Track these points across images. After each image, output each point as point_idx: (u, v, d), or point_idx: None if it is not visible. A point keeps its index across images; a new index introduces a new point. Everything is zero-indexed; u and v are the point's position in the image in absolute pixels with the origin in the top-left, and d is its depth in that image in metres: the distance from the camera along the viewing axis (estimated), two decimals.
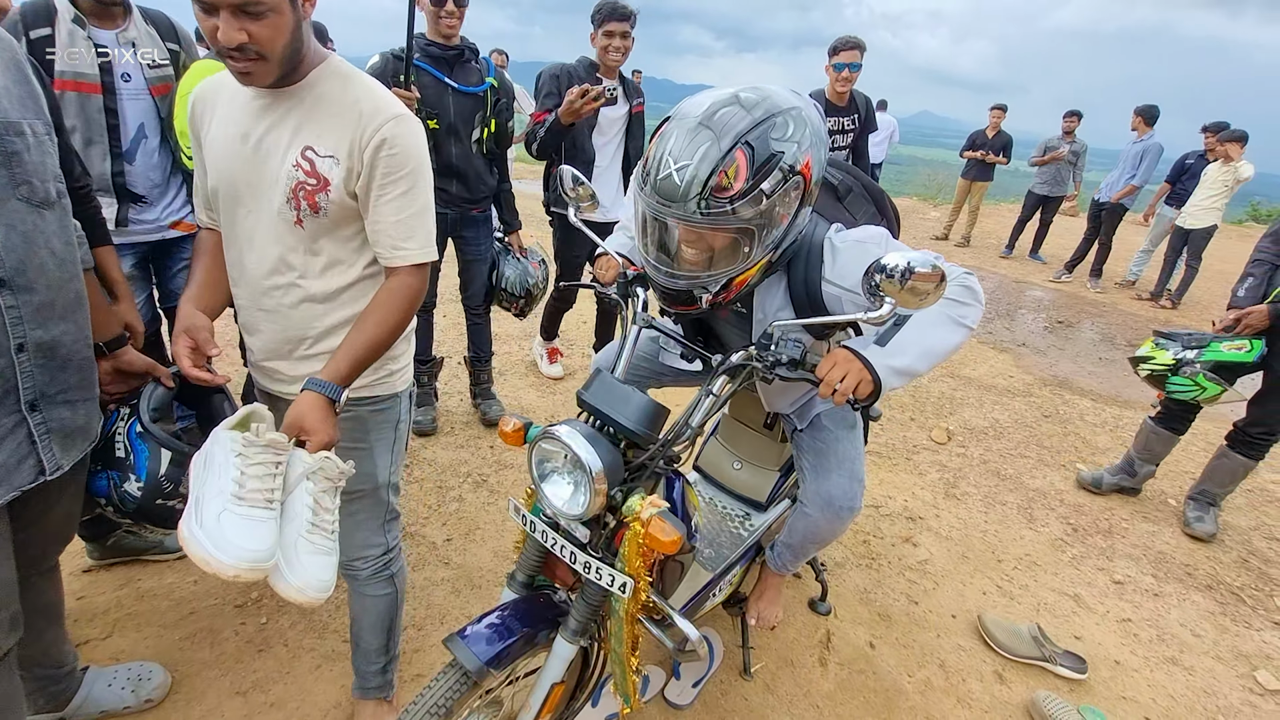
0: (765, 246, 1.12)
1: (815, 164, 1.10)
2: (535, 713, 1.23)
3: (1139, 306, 6.41)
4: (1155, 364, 2.65)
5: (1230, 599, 2.46)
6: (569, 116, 2.44)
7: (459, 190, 2.54)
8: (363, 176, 1.13)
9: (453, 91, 2.40)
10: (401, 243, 1.17)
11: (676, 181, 1.05)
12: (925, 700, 1.87)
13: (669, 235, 1.16)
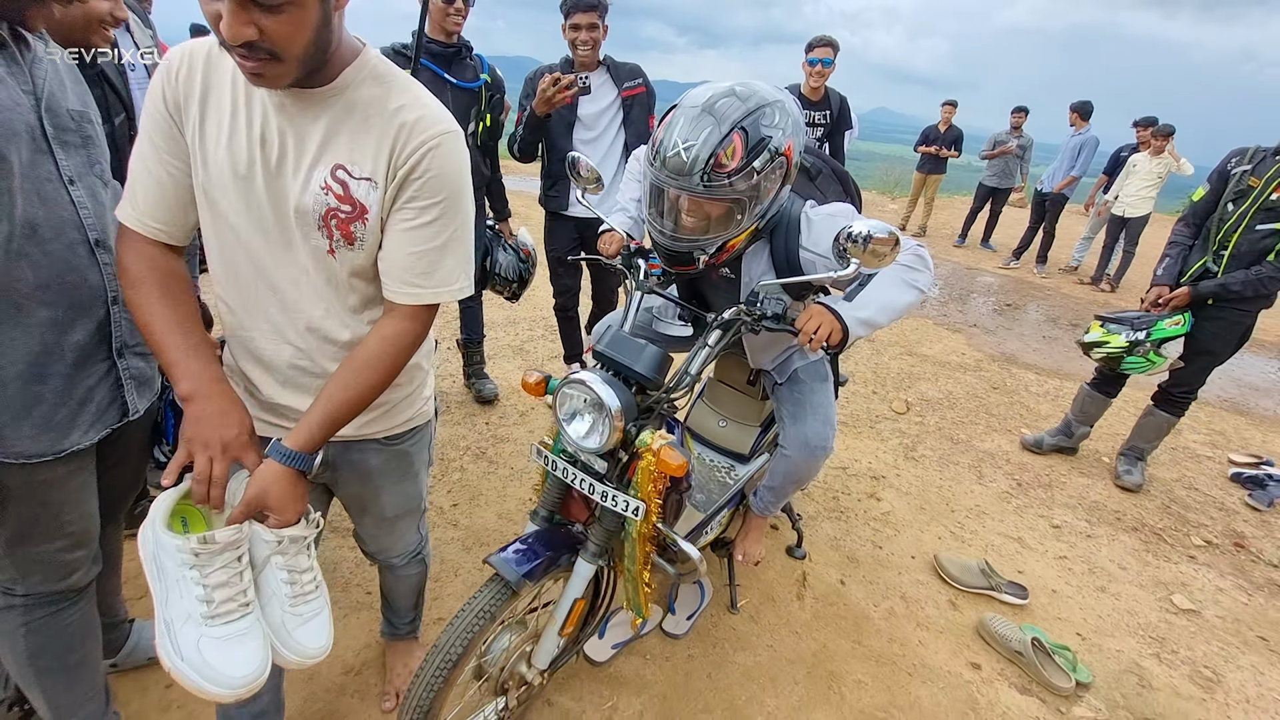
0: (753, 216, 1.35)
1: (795, 148, 1.33)
2: (560, 625, 1.43)
3: (1081, 290, 6.88)
4: (1110, 348, 2.94)
5: (1153, 539, 2.80)
6: (542, 107, 2.44)
7: None
8: (388, 195, 0.99)
9: (451, 87, 2.51)
10: (416, 279, 1.02)
11: (684, 159, 1.26)
12: (889, 625, 2.13)
13: (673, 205, 1.37)
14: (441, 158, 0.98)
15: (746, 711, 1.77)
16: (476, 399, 3.15)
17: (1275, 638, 2.30)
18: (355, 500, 1.35)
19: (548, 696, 1.73)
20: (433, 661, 1.24)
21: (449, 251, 1.04)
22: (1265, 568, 2.68)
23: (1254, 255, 2.66)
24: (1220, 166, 2.83)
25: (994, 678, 1.98)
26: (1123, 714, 1.92)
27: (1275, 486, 3.21)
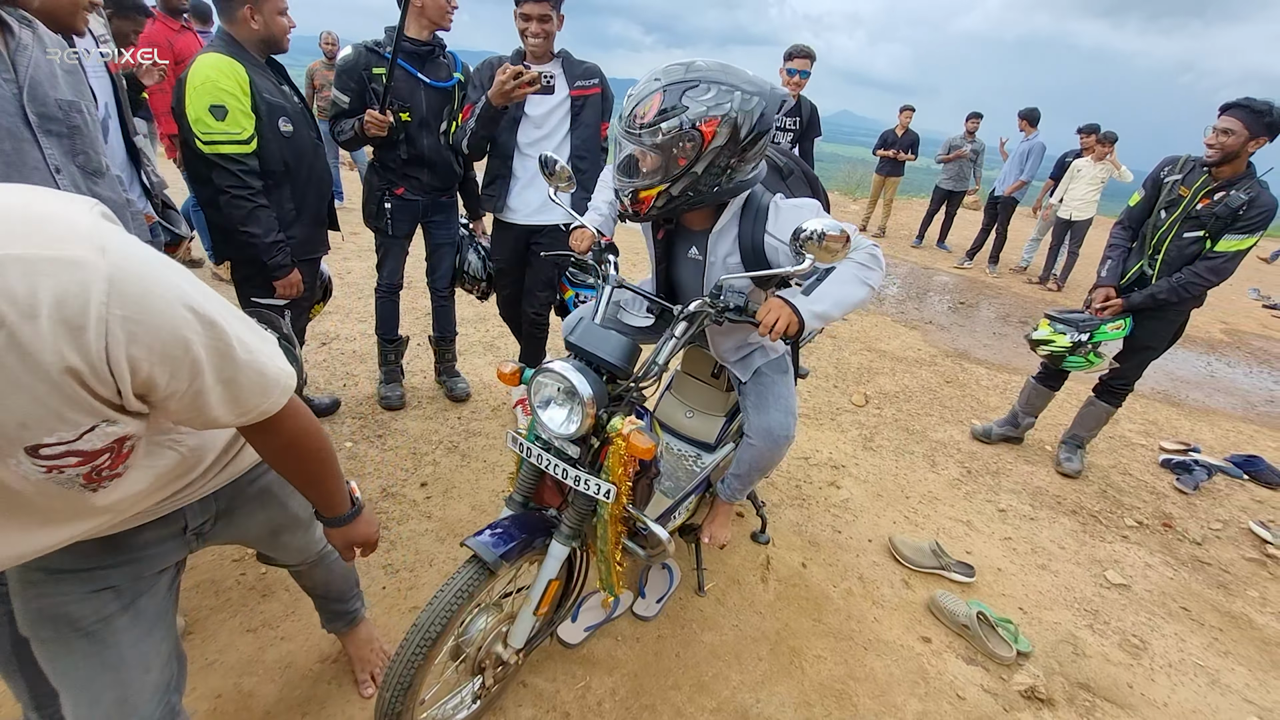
0: (664, 176, 1.42)
1: (720, 131, 1.37)
2: (536, 605, 1.50)
3: (1030, 289, 7.20)
4: (1055, 346, 3.11)
5: (1090, 520, 2.99)
6: (500, 99, 2.28)
7: (430, 179, 2.67)
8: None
9: (424, 86, 2.52)
10: None
11: (626, 108, 1.40)
12: (847, 604, 2.24)
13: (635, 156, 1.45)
14: None
15: (713, 686, 1.86)
16: (448, 396, 3.18)
17: (1196, 608, 2.50)
18: (266, 526, 1.26)
19: (523, 678, 1.79)
20: (413, 640, 1.29)
21: None
22: (1190, 545, 2.90)
23: (1183, 260, 2.86)
24: (1154, 173, 3.02)
25: (943, 650, 2.11)
26: (1059, 680, 2.07)
27: (1200, 471, 3.46)
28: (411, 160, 2.60)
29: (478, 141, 2.47)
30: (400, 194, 2.68)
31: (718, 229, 1.60)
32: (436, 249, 2.92)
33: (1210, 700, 2.08)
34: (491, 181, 2.65)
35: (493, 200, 2.67)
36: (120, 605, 0.98)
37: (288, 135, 2.15)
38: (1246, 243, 2.75)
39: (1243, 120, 2.59)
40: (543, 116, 2.53)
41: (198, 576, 1.98)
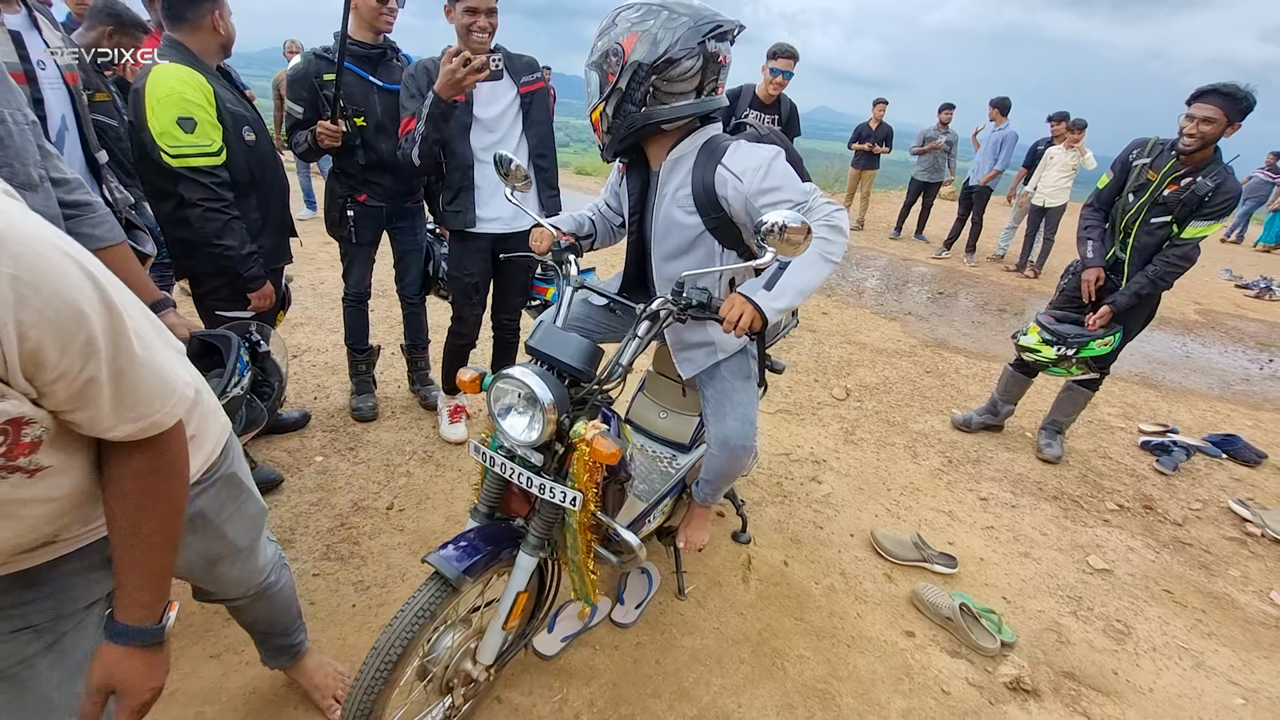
0: (599, 96, 1.47)
1: (638, 46, 1.38)
2: (504, 619, 1.45)
3: (1007, 277, 7.25)
4: (1040, 357, 3.08)
5: (1071, 505, 2.99)
6: (450, 90, 2.11)
7: (392, 184, 2.59)
8: None
9: (378, 90, 2.44)
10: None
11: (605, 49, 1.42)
12: (830, 601, 2.22)
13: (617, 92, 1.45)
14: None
15: (694, 692, 1.82)
16: (422, 404, 3.11)
17: (1179, 590, 2.50)
18: (202, 557, 1.17)
19: (497, 693, 1.74)
20: (372, 664, 1.24)
21: None
22: (1170, 527, 2.91)
23: (1152, 245, 2.86)
24: (1122, 156, 3.03)
25: (927, 644, 2.09)
26: (1044, 669, 2.05)
27: (1179, 452, 3.48)
28: (371, 165, 2.53)
29: (429, 148, 2.26)
30: (363, 200, 2.60)
31: (671, 158, 1.56)
32: (403, 256, 2.83)
33: (1195, 683, 2.08)
34: (455, 196, 2.47)
35: (460, 215, 2.48)
36: (42, 645, 0.90)
37: (251, 144, 2.10)
38: (1212, 228, 2.76)
39: (1222, 107, 2.58)
40: (495, 119, 2.41)
41: None
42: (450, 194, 2.47)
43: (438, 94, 2.14)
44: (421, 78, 2.30)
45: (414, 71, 2.33)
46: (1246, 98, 2.57)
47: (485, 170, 2.44)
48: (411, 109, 2.28)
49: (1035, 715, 1.89)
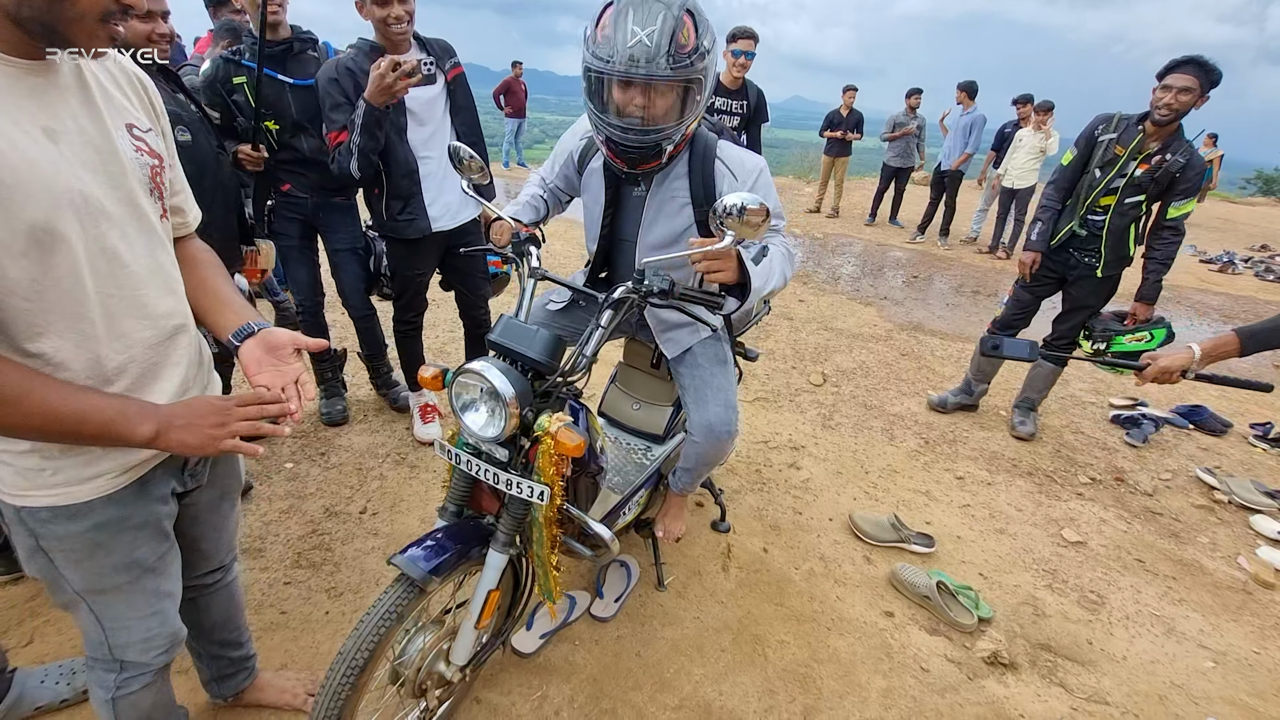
0: (699, 104, 1.42)
1: (715, 48, 1.39)
2: (476, 618, 1.42)
3: (980, 259, 7.33)
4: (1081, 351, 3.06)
5: (1045, 480, 3.03)
6: (381, 97, 1.99)
7: (319, 177, 2.43)
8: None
9: (289, 88, 2.28)
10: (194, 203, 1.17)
11: (647, 44, 1.30)
12: (810, 585, 2.22)
13: (630, 99, 1.39)
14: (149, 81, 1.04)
15: (675, 683, 1.81)
16: (392, 407, 3.06)
17: (1150, 559, 2.55)
18: (222, 485, 1.29)
19: (476, 694, 1.71)
20: (338, 669, 1.21)
21: None
22: (1141, 497, 2.96)
23: (1125, 224, 2.91)
24: (1087, 132, 3.05)
25: (906, 623, 2.10)
26: (1020, 643, 2.08)
27: (1149, 424, 3.54)
28: (294, 163, 2.41)
29: (366, 158, 2.11)
30: (286, 190, 2.45)
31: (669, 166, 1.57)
32: (335, 256, 2.60)
33: (1167, 649, 2.12)
34: (405, 204, 2.34)
35: (414, 223, 2.37)
36: (170, 541, 1.14)
37: (185, 144, 2.02)
38: (1190, 205, 2.83)
39: (1197, 78, 2.63)
40: (426, 111, 2.28)
41: None
42: (400, 203, 2.34)
43: (369, 102, 2.01)
44: (346, 82, 2.14)
45: (334, 75, 2.15)
46: (1216, 69, 2.63)
47: (426, 166, 2.34)
48: (339, 120, 2.14)
49: (1013, 688, 1.91)
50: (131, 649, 1.13)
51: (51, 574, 1.04)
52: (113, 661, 1.14)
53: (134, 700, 1.20)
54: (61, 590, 1.06)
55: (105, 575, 1.05)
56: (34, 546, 1.01)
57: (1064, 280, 3.15)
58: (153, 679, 1.20)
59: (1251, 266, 7.95)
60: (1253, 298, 6.76)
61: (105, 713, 1.19)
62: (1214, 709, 1.91)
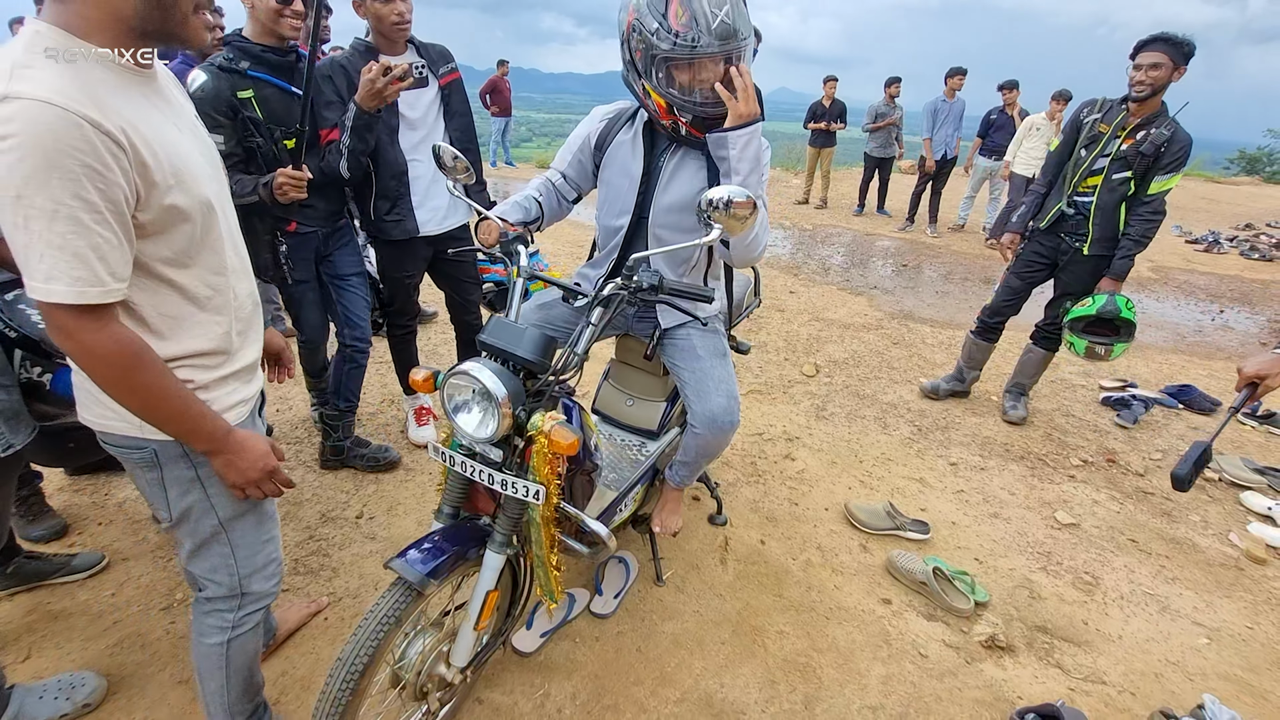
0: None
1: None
2: (475, 620, 1.42)
3: (967, 245, 7.36)
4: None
5: (1038, 464, 3.06)
6: (372, 101, 1.98)
7: (325, 205, 2.25)
8: None
9: (298, 101, 2.02)
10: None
11: (728, 22, 1.39)
12: (807, 575, 2.23)
13: (702, 73, 1.47)
14: None
15: (676, 677, 1.82)
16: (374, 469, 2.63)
17: (1143, 538, 2.58)
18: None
19: (477, 695, 1.72)
20: (337, 675, 1.21)
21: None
22: (1133, 477, 2.99)
23: (1114, 202, 2.92)
24: (1073, 117, 3.09)
25: (903, 609, 2.12)
26: (1017, 625, 2.10)
27: (1139, 405, 3.57)
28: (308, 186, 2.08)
29: (356, 159, 2.11)
30: (293, 230, 2.22)
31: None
32: (345, 280, 2.37)
33: (1162, 627, 2.14)
34: (393, 205, 2.32)
35: (400, 223, 2.34)
36: None
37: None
38: (1174, 180, 2.84)
39: (1167, 53, 2.67)
40: (419, 117, 2.28)
41: (122, 631, 1.84)
42: (387, 204, 2.33)
43: (359, 105, 2.01)
44: (340, 79, 2.13)
45: (327, 73, 2.13)
46: (1186, 43, 2.66)
47: (417, 169, 2.33)
48: (330, 118, 2.13)
49: (1011, 671, 1.93)
50: (256, 577, 1.28)
51: (203, 506, 1.17)
52: (234, 596, 1.27)
53: (243, 643, 1.31)
54: (206, 522, 1.19)
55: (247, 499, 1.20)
56: (192, 478, 1.15)
57: (1055, 266, 3.17)
58: (260, 618, 1.33)
59: (1236, 245, 8.01)
60: (1239, 277, 6.83)
61: (215, 660, 1.30)
62: (1209, 685, 1.93)
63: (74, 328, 0.92)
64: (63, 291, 0.89)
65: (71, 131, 0.84)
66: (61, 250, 0.87)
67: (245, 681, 1.38)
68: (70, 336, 0.93)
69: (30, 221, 0.86)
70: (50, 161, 0.84)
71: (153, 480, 1.15)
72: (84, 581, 1.98)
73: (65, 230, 0.87)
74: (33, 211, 0.85)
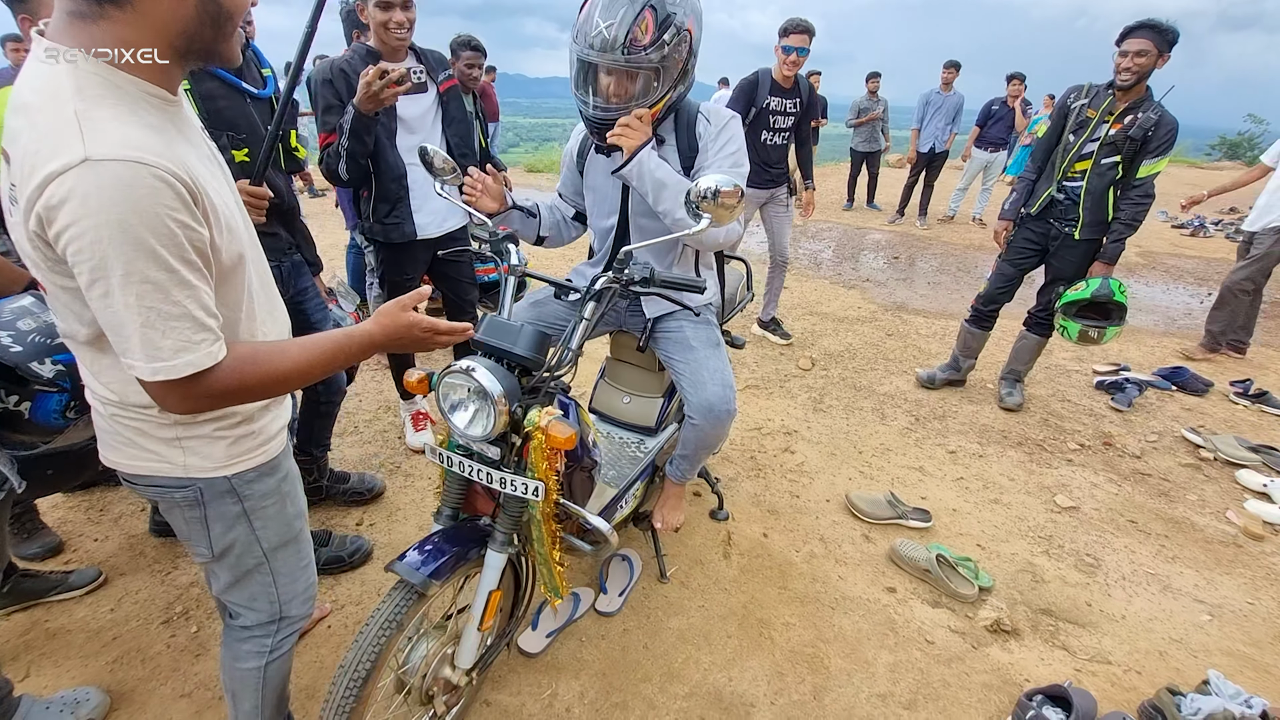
0: (666, 85, 1.55)
1: (696, 26, 1.52)
2: (478, 620, 1.41)
3: (957, 236, 7.39)
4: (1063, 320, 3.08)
5: (1035, 449, 3.06)
6: (370, 104, 1.96)
7: (286, 231, 1.99)
8: None
9: (251, 100, 1.79)
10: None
11: (606, 36, 1.44)
12: (811, 567, 2.23)
13: (599, 81, 1.55)
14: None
15: (684, 672, 1.81)
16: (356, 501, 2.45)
17: (1142, 519, 2.59)
18: None
19: (485, 697, 1.70)
20: (340, 682, 1.20)
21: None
22: (1130, 460, 3.00)
23: (1103, 187, 2.93)
24: (1060, 103, 3.11)
25: (908, 597, 2.12)
26: (1021, 609, 2.10)
27: (1133, 389, 3.59)
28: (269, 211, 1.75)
29: (354, 161, 2.09)
30: None
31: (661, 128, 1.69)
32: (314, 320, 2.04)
33: (1164, 605, 2.15)
34: (392, 208, 2.32)
35: (399, 226, 2.35)
36: None
37: None
38: (1161, 164, 2.85)
39: (1152, 40, 2.69)
40: (417, 120, 2.29)
41: (122, 647, 1.82)
42: (387, 206, 2.33)
43: (356, 108, 1.99)
44: (340, 83, 2.13)
45: (328, 77, 2.13)
46: (1170, 30, 2.68)
47: (415, 173, 2.32)
48: (331, 122, 2.12)
49: (1017, 654, 1.93)
50: (294, 602, 1.26)
51: (248, 539, 1.14)
52: (273, 622, 1.25)
53: (279, 664, 1.30)
54: (250, 555, 1.16)
55: (288, 524, 1.20)
56: (239, 513, 1.12)
57: (1045, 251, 3.18)
58: (294, 640, 1.32)
59: (1222, 229, 8.08)
60: (1225, 259, 6.87)
61: (252, 683, 1.28)
62: (1213, 660, 1.94)
63: (199, 390, 0.88)
64: (195, 360, 0.85)
65: (161, 192, 0.79)
66: (182, 320, 0.83)
67: (279, 699, 1.36)
68: (205, 396, 0.89)
69: (143, 298, 0.80)
70: (153, 228, 0.78)
71: (193, 518, 1.10)
72: (81, 598, 1.96)
73: (183, 298, 0.83)
74: (145, 288, 0.80)
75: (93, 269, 0.78)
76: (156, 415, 1.00)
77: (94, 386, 1.00)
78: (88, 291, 0.80)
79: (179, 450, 1.03)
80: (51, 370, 1.32)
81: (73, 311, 0.91)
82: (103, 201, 0.75)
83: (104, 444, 1.07)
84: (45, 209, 0.76)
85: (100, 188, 0.75)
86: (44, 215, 0.76)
